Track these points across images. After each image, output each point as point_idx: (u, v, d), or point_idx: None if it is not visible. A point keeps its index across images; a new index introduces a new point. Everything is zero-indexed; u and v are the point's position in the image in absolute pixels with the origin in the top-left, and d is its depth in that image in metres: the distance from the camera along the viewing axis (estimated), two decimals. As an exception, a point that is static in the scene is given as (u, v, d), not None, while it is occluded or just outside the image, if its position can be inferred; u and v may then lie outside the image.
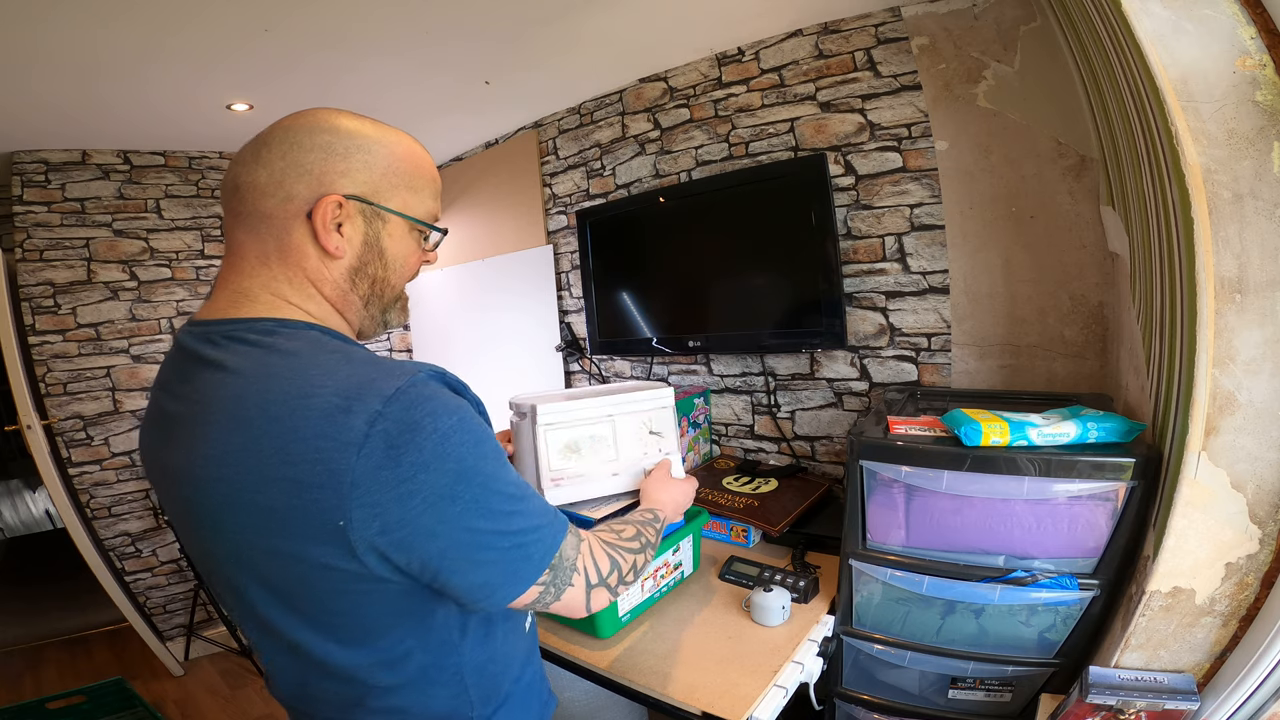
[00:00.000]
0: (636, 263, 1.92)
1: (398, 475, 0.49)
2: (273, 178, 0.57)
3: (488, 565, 0.55)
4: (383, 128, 0.62)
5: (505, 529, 0.55)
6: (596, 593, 0.66)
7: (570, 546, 0.63)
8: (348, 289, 0.62)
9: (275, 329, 0.56)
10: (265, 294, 0.58)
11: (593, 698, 1.38)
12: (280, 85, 1.80)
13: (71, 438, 2.26)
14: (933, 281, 1.46)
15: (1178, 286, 0.76)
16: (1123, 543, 0.87)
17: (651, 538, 0.79)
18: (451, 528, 0.52)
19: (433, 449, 0.50)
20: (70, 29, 1.36)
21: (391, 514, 0.49)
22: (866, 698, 1.14)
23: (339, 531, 0.49)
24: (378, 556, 0.51)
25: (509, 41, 1.62)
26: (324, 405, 0.49)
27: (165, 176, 2.39)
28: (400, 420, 0.49)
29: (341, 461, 0.48)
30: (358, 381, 0.50)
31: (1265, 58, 0.65)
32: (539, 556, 0.58)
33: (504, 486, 0.56)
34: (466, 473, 0.52)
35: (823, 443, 1.68)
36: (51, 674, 2.41)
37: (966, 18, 1.34)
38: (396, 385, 0.50)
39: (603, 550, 0.68)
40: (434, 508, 0.50)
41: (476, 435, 0.54)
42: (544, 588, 0.59)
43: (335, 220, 0.58)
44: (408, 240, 0.64)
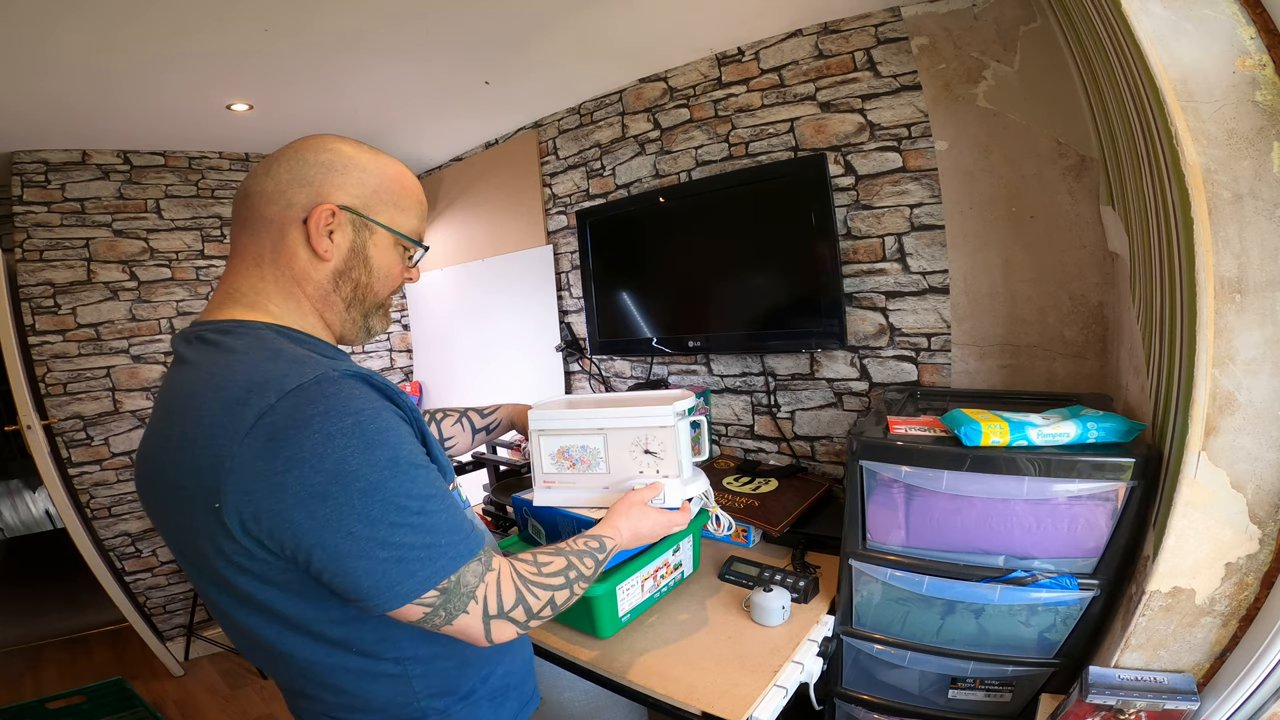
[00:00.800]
0: (636, 263, 1.92)
1: (272, 467, 0.51)
2: (277, 187, 0.65)
3: (360, 573, 0.54)
4: (380, 155, 0.70)
5: (386, 539, 0.54)
6: (498, 624, 0.63)
7: (473, 574, 0.61)
8: (330, 290, 0.68)
9: (233, 328, 0.61)
10: (251, 294, 0.65)
11: (593, 698, 1.38)
12: (280, 86, 1.80)
13: (71, 438, 2.26)
14: (933, 281, 1.46)
15: (1178, 286, 0.76)
16: (1123, 543, 0.87)
17: (586, 570, 0.75)
18: (320, 525, 0.52)
19: (312, 447, 0.51)
20: (70, 30, 1.36)
21: (261, 504, 0.52)
22: (866, 698, 1.14)
23: (216, 513, 0.53)
24: (253, 541, 0.53)
25: (509, 41, 1.62)
26: (229, 397, 0.53)
27: (165, 177, 2.39)
28: (289, 415, 0.52)
29: (226, 449, 0.51)
30: (268, 376, 0.54)
31: (1265, 58, 0.65)
32: (424, 575, 0.57)
33: (393, 497, 0.55)
34: (345, 475, 0.52)
35: (823, 443, 1.68)
36: (51, 674, 2.41)
37: (966, 18, 1.34)
38: (299, 381, 0.53)
39: (512, 584, 0.65)
40: (304, 505, 0.52)
41: (371, 440, 0.54)
42: (431, 609, 0.58)
43: (328, 226, 0.65)
44: (391, 253, 0.71)
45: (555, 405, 1.09)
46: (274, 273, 0.65)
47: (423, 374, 3.05)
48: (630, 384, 2.11)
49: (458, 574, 0.60)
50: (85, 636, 2.66)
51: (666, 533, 0.92)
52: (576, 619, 1.11)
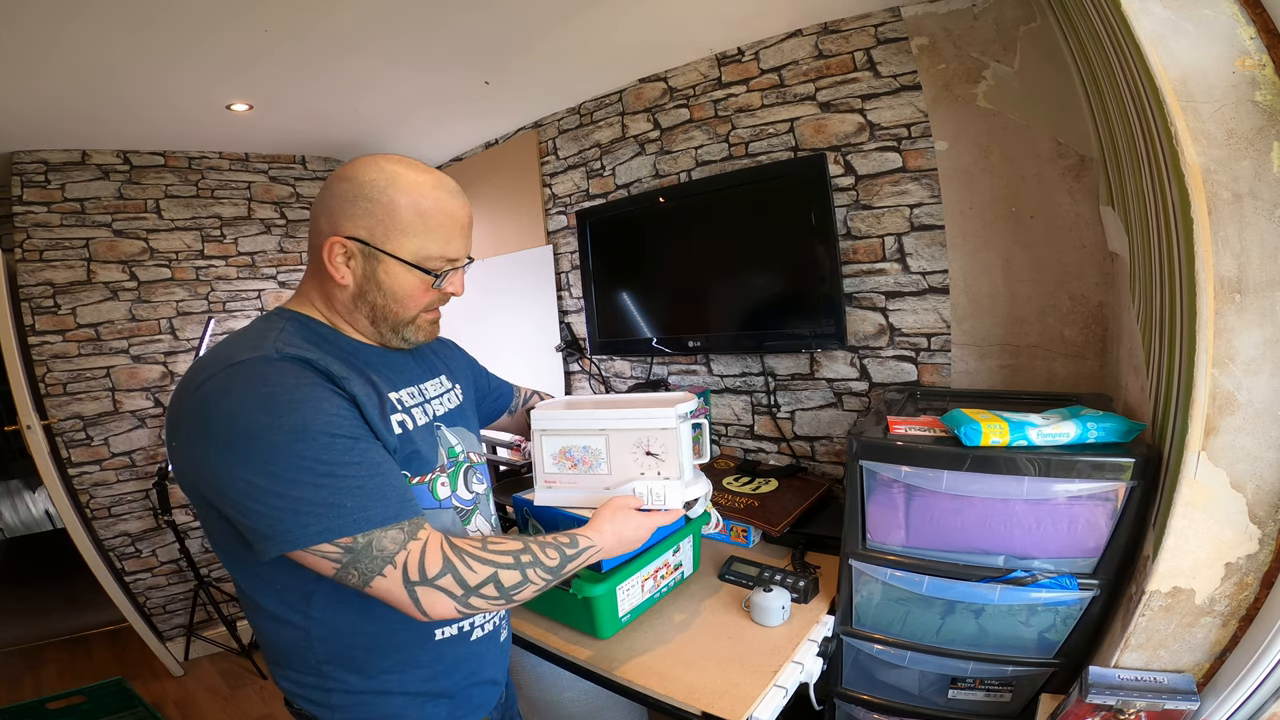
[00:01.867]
0: (636, 263, 1.92)
1: (199, 420, 0.63)
2: (314, 212, 0.75)
3: (255, 514, 0.62)
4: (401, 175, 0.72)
5: (282, 491, 0.61)
6: (425, 592, 0.65)
7: (390, 540, 0.65)
8: (352, 309, 0.76)
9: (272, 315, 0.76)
10: (302, 296, 0.79)
11: (593, 698, 1.38)
12: (280, 86, 1.80)
13: (71, 438, 2.26)
14: (933, 281, 1.46)
15: (1177, 286, 0.76)
16: (1122, 543, 0.87)
17: (547, 560, 0.75)
18: (228, 471, 0.61)
19: (228, 409, 0.62)
20: (71, 31, 1.36)
21: (191, 448, 0.64)
22: (866, 698, 1.14)
23: (171, 449, 0.67)
24: (186, 483, 0.67)
25: (509, 42, 1.62)
26: (201, 362, 0.67)
27: (165, 177, 2.39)
28: (221, 384, 0.63)
29: (177, 406, 0.65)
30: (225, 354, 0.66)
31: (1265, 58, 0.65)
32: (319, 528, 0.62)
33: (298, 459, 0.61)
34: (251, 434, 0.61)
35: (823, 443, 1.68)
36: (51, 674, 2.41)
37: (966, 18, 1.34)
38: (240, 359, 0.64)
39: (440, 552, 0.67)
40: (218, 454, 0.62)
41: (278, 407, 0.62)
42: (339, 565, 0.63)
43: (345, 255, 0.73)
44: (406, 277, 0.75)
45: (556, 406, 1.09)
46: (318, 285, 0.77)
47: (423, 374, 3.04)
48: (630, 384, 2.11)
49: (368, 536, 0.63)
50: (85, 636, 2.66)
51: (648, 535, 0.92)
52: (576, 619, 1.11)
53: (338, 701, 0.74)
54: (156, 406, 2.40)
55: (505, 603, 0.71)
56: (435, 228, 0.74)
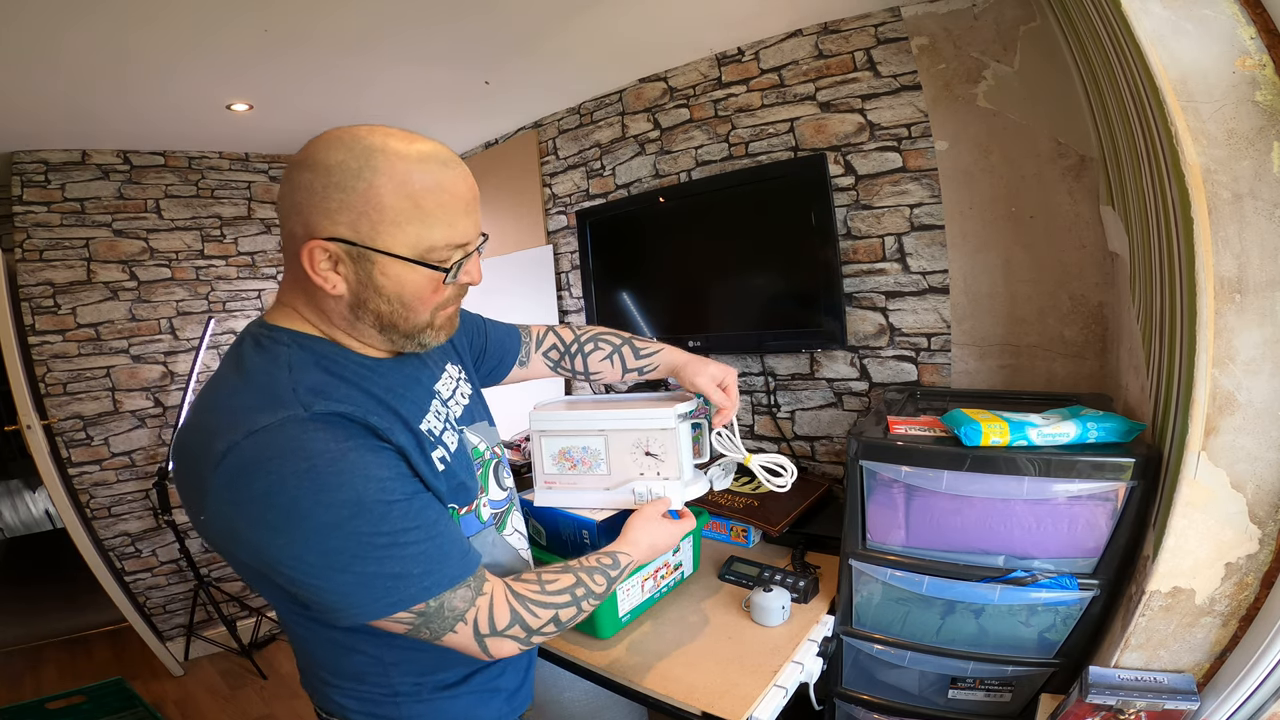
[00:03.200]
0: (636, 263, 1.92)
1: (236, 497, 0.55)
2: (281, 212, 0.62)
3: (322, 590, 0.58)
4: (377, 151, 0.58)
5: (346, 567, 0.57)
6: (494, 641, 0.65)
7: (461, 600, 0.63)
8: (354, 319, 0.64)
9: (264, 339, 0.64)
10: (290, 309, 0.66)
11: (593, 698, 1.38)
12: (280, 85, 1.80)
13: (71, 438, 2.26)
14: (933, 281, 1.46)
15: (1178, 286, 0.76)
16: (1122, 543, 0.87)
17: (596, 588, 0.75)
18: (279, 552, 0.56)
19: (265, 489, 0.54)
20: (70, 29, 1.36)
21: (232, 524, 0.57)
22: (866, 698, 1.14)
23: (202, 524, 0.58)
24: (225, 553, 0.61)
25: (509, 41, 1.62)
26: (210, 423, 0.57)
27: (165, 176, 2.39)
28: (249, 455, 0.55)
29: (205, 472, 0.55)
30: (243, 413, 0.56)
31: (1265, 58, 0.65)
32: (391, 600, 0.59)
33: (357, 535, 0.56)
34: (298, 515, 0.55)
35: (823, 443, 1.68)
36: (51, 674, 2.41)
37: (966, 18, 1.34)
38: (265, 423, 0.55)
39: (506, 605, 0.66)
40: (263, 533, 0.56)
41: (326, 484, 0.55)
42: (411, 627, 0.61)
43: (330, 260, 0.60)
44: (410, 276, 0.62)
45: (556, 406, 1.09)
46: (304, 297, 0.65)
47: (423, 374, 3.04)
48: (630, 384, 2.11)
49: (439, 600, 0.61)
50: (85, 636, 2.66)
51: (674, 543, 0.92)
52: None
53: (407, 713, 0.72)
54: (156, 406, 2.40)
55: (560, 632, 0.71)
56: (433, 210, 0.59)
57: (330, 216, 0.58)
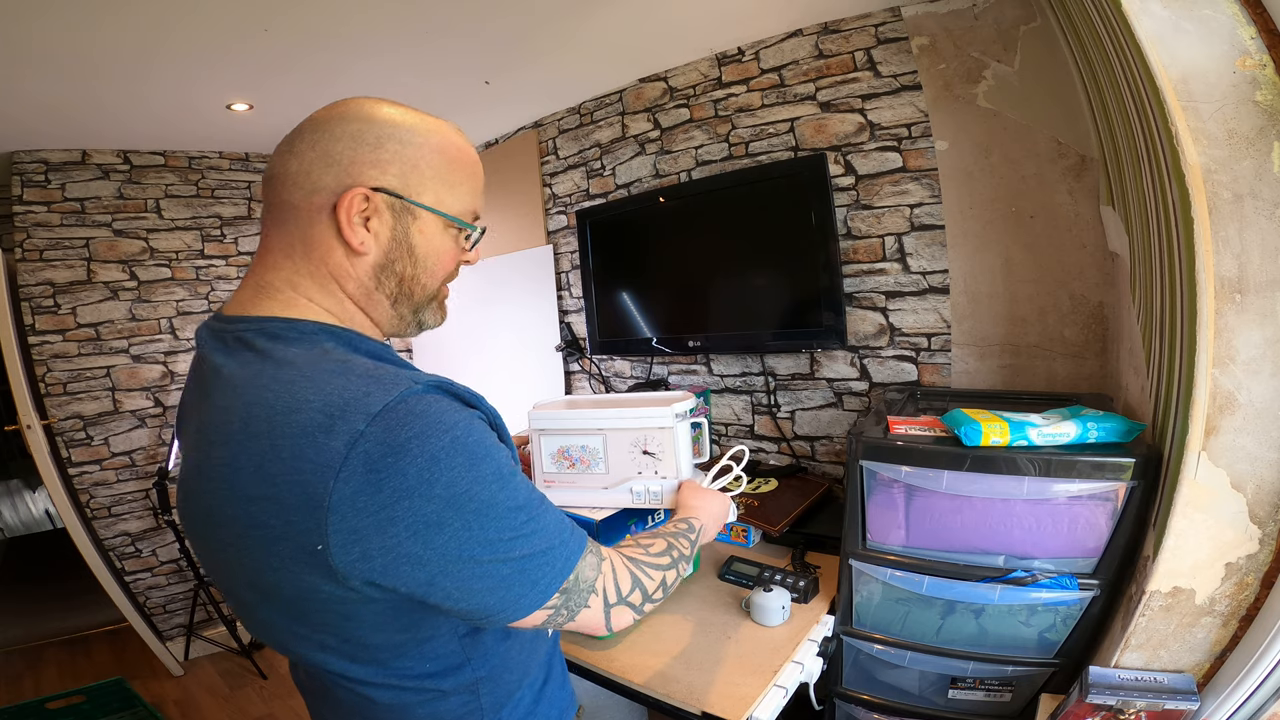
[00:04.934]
0: (636, 263, 1.92)
1: (378, 501, 0.46)
2: (301, 168, 0.55)
3: (483, 592, 0.51)
4: (423, 117, 0.59)
5: (506, 555, 0.51)
6: (617, 611, 0.63)
7: (589, 567, 0.59)
8: (373, 287, 0.59)
9: (283, 331, 0.54)
10: (286, 289, 0.57)
11: (593, 698, 1.38)
12: (280, 85, 1.80)
13: (71, 438, 2.26)
14: (933, 281, 1.46)
15: (1178, 286, 0.76)
16: (1123, 543, 0.87)
17: (685, 551, 0.75)
18: (440, 555, 0.48)
19: (417, 474, 0.46)
20: (70, 28, 1.36)
21: (372, 541, 0.46)
22: (866, 698, 1.14)
23: (318, 555, 0.47)
24: (361, 580, 0.48)
25: (509, 42, 1.62)
26: (306, 422, 0.47)
27: (165, 176, 2.39)
28: (384, 441, 0.46)
29: (319, 485, 0.45)
30: (347, 397, 0.47)
31: (1265, 58, 0.65)
32: (546, 581, 0.55)
33: (506, 512, 0.51)
34: (458, 499, 0.48)
35: (823, 443, 1.68)
36: (51, 674, 2.41)
37: (966, 18, 1.34)
38: (385, 401, 0.47)
39: (625, 568, 0.65)
40: (419, 535, 0.47)
41: (473, 455, 0.49)
42: (554, 610, 0.56)
43: (363, 214, 0.55)
44: (442, 237, 0.61)
45: (555, 405, 1.09)
46: (308, 267, 0.57)
47: (423, 374, 3.04)
48: (630, 384, 2.11)
49: (575, 571, 0.57)
50: (85, 636, 2.66)
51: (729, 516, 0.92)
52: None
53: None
54: (156, 406, 2.40)
55: (661, 602, 0.70)
56: (469, 175, 0.61)
57: (381, 166, 0.55)
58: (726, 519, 0.91)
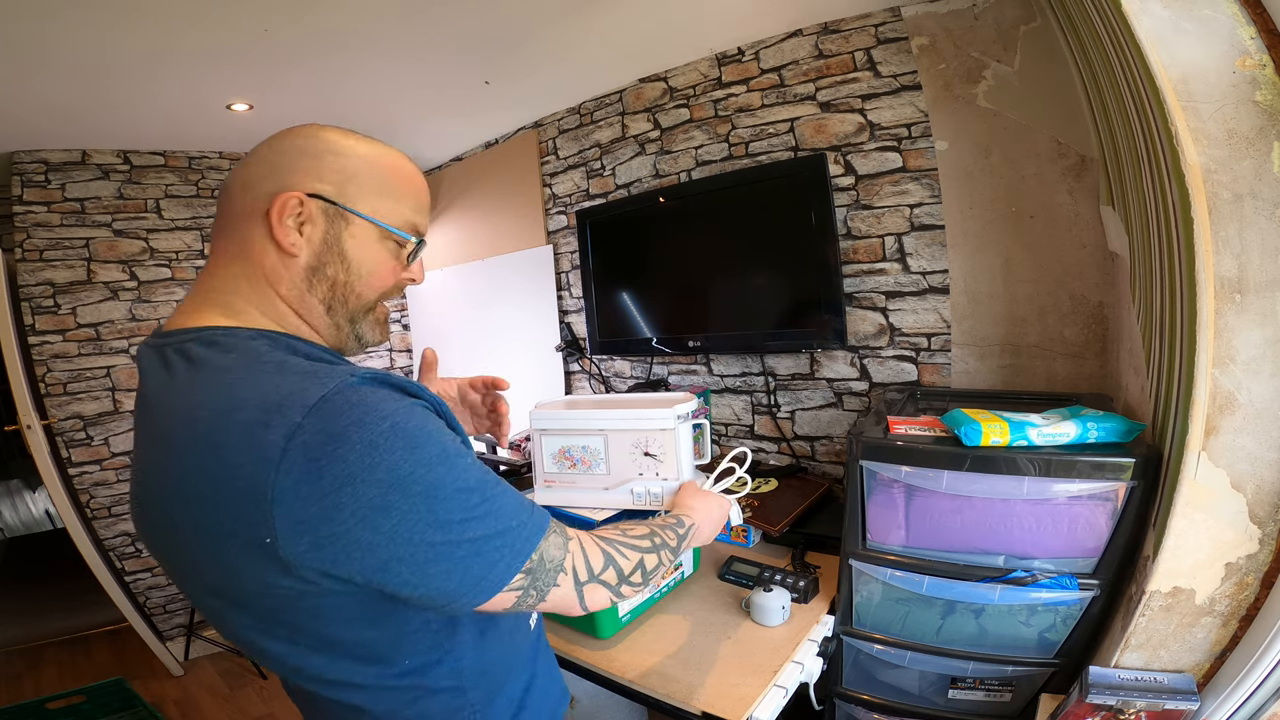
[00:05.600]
0: (636, 263, 1.92)
1: (320, 489, 0.46)
2: (247, 177, 0.59)
3: (441, 575, 0.51)
4: (372, 143, 0.61)
5: (460, 537, 0.51)
6: (590, 589, 0.63)
7: (555, 547, 0.59)
8: (304, 290, 0.60)
9: (219, 338, 0.55)
10: (225, 294, 0.58)
11: (593, 698, 1.38)
12: (280, 85, 1.80)
13: (71, 438, 2.26)
14: (933, 281, 1.46)
15: (1178, 286, 0.76)
16: (1123, 543, 0.87)
17: (670, 541, 0.75)
18: (389, 539, 0.48)
19: (358, 459, 0.47)
20: (70, 29, 1.36)
21: (320, 529, 0.47)
22: (866, 698, 1.14)
23: (268, 548, 0.47)
24: (315, 571, 0.48)
25: (509, 42, 1.62)
26: (244, 420, 0.47)
27: (165, 176, 2.39)
28: (322, 431, 0.47)
29: (262, 478, 0.46)
30: (283, 393, 0.48)
31: (1265, 58, 0.65)
32: (506, 562, 0.54)
33: (455, 493, 0.51)
34: (402, 481, 0.48)
35: (823, 443, 1.68)
36: (51, 674, 2.41)
37: (966, 18, 1.34)
38: (321, 393, 0.48)
39: (596, 546, 0.65)
40: (365, 520, 0.47)
41: (414, 439, 0.50)
42: (521, 591, 0.56)
43: (297, 218, 0.57)
44: (377, 248, 0.62)
45: (556, 405, 1.09)
46: (244, 270, 0.58)
47: (423, 374, 3.05)
48: (630, 384, 2.11)
49: (538, 551, 0.57)
50: (85, 636, 2.66)
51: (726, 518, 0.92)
52: (576, 619, 1.11)
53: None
54: (156, 406, 2.40)
55: (644, 587, 0.70)
56: (410, 191, 0.63)
57: (317, 174, 0.58)
58: (724, 522, 0.91)
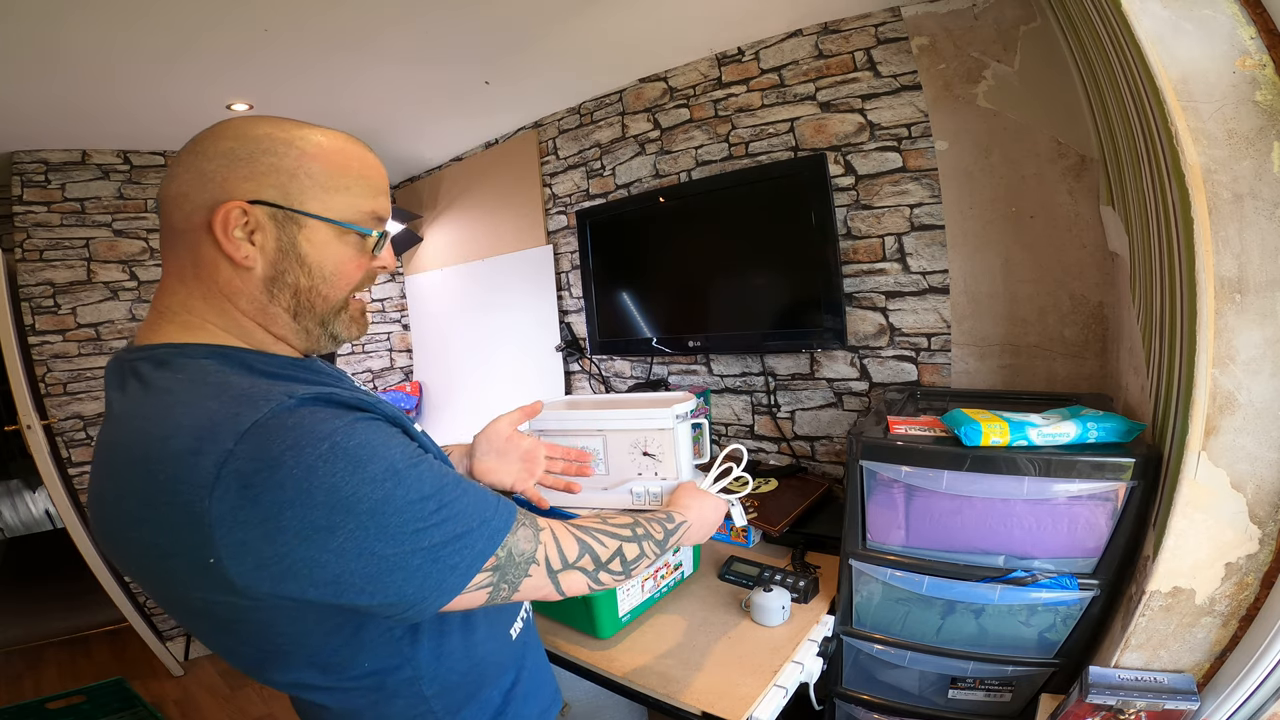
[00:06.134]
0: (636, 263, 1.92)
1: (259, 514, 0.45)
2: (180, 190, 0.55)
3: (398, 585, 0.50)
4: (304, 128, 0.57)
5: (415, 546, 0.50)
6: (565, 576, 0.63)
7: (524, 540, 0.59)
8: (266, 301, 0.57)
9: (169, 357, 0.54)
10: (182, 313, 0.56)
11: (593, 698, 1.38)
12: (280, 85, 1.80)
13: (71, 438, 2.26)
14: (933, 281, 1.46)
15: (1178, 286, 0.76)
16: (1123, 543, 0.87)
17: (654, 533, 0.75)
18: (338, 557, 0.47)
19: (295, 485, 0.46)
20: (71, 29, 1.36)
21: (264, 551, 0.46)
22: (866, 698, 1.14)
23: (213, 569, 0.46)
24: (263, 590, 0.48)
25: (509, 41, 1.62)
26: (177, 447, 0.47)
27: (165, 176, 2.39)
28: (255, 457, 0.46)
29: (197, 503, 0.45)
30: (217, 419, 0.47)
31: (1265, 58, 0.65)
32: (466, 564, 0.54)
33: (406, 505, 0.50)
34: (345, 503, 0.47)
35: (823, 443, 1.68)
36: (51, 674, 2.41)
37: (966, 18, 1.34)
38: (254, 418, 0.47)
39: (570, 535, 0.65)
40: (310, 541, 0.46)
41: (356, 458, 0.48)
42: (490, 588, 0.56)
43: (246, 228, 0.54)
44: (337, 245, 0.59)
45: (557, 406, 1.09)
46: (199, 289, 0.56)
47: (423, 374, 3.05)
48: (630, 384, 2.11)
49: (504, 547, 0.57)
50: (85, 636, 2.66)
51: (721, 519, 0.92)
52: (576, 619, 1.11)
53: None
54: (156, 406, 2.40)
55: (625, 578, 0.69)
56: (359, 178, 0.59)
57: (256, 179, 0.54)
58: (719, 523, 0.91)
